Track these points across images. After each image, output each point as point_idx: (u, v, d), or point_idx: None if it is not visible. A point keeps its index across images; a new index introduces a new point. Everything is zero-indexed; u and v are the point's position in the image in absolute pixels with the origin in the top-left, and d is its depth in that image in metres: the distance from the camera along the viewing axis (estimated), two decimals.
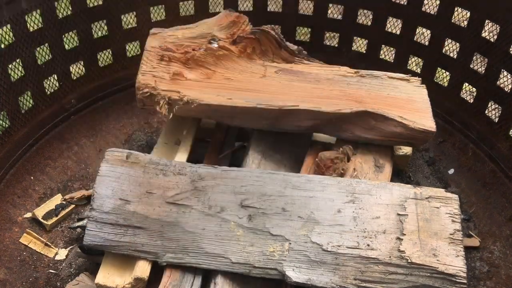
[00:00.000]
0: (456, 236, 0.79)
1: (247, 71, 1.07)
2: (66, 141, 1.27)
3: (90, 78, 1.31)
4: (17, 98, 1.12)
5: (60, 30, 1.18)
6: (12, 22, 1.06)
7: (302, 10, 1.42)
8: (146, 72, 1.03)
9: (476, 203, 1.19)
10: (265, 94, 1.02)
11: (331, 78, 1.06)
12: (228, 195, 0.85)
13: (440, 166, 1.29)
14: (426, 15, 1.27)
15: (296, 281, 0.77)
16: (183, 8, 1.36)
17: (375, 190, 0.85)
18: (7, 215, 1.10)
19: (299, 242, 0.80)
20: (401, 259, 0.77)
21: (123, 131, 1.36)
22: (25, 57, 1.12)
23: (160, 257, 0.82)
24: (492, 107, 1.22)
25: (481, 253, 1.10)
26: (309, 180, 0.87)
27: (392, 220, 0.81)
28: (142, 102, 1.02)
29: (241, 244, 0.81)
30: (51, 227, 1.11)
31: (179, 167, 0.89)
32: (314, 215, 0.82)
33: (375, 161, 1.00)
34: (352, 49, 1.43)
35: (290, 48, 1.11)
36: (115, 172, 0.88)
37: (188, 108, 0.99)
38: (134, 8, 1.28)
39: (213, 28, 1.09)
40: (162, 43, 1.07)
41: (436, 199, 0.83)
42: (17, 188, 1.15)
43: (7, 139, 1.12)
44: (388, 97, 1.02)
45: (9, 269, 1.01)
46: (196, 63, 1.05)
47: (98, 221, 0.84)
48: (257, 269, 0.79)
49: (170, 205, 0.85)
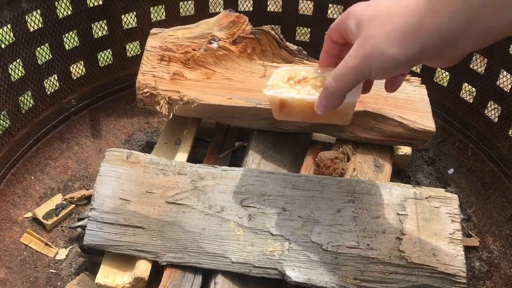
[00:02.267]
0: (455, 236, 0.79)
1: (247, 71, 1.07)
2: (66, 141, 1.27)
3: (90, 78, 1.31)
4: (17, 98, 1.13)
5: (60, 30, 1.18)
6: (12, 22, 1.06)
7: (302, 10, 1.43)
8: (146, 72, 1.03)
9: (475, 203, 1.19)
10: None
11: None
12: (228, 194, 0.85)
13: (440, 166, 1.29)
14: None
15: (296, 281, 0.77)
16: (183, 8, 1.36)
17: (375, 190, 0.85)
18: (8, 214, 1.10)
19: (299, 242, 0.80)
20: (400, 258, 0.77)
21: (123, 131, 1.36)
22: (25, 57, 1.12)
23: (160, 256, 0.82)
24: (492, 107, 1.22)
25: (480, 252, 1.10)
26: (309, 180, 0.87)
27: (391, 220, 0.81)
28: (142, 102, 1.02)
29: (241, 244, 0.81)
30: (51, 226, 1.11)
31: (179, 167, 0.89)
32: (314, 215, 0.82)
33: (375, 161, 1.00)
34: None
35: (290, 48, 1.12)
36: (115, 172, 0.88)
37: (188, 108, 0.99)
38: (134, 8, 1.28)
39: (213, 28, 1.09)
40: (162, 43, 1.07)
41: (436, 199, 0.83)
42: (17, 188, 1.15)
43: (7, 139, 1.12)
44: (388, 97, 1.02)
45: (9, 268, 1.01)
46: (196, 63, 1.05)
47: (98, 221, 0.84)
48: (257, 269, 0.79)
49: (170, 204, 0.85)
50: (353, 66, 0.60)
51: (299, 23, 1.44)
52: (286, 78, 0.73)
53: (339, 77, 0.62)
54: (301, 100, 0.69)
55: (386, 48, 0.57)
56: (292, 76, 0.73)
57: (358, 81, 0.63)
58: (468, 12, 0.52)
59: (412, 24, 0.56)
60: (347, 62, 0.61)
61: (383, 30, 0.57)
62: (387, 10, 0.58)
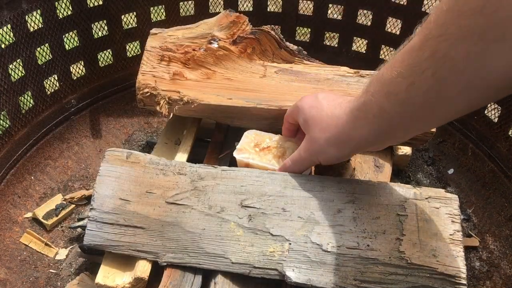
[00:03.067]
0: (456, 237, 0.79)
1: (247, 71, 1.07)
2: (66, 141, 1.27)
3: (90, 78, 1.31)
4: (17, 98, 1.13)
5: (60, 30, 1.18)
6: (12, 22, 1.06)
7: (302, 10, 1.42)
8: (146, 72, 1.03)
9: (475, 203, 1.19)
10: (265, 94, 1.02)
11: (331, 78, 1.07)
12: (228, 195, 0.85)
13: (440, 166, 1.29)
14: (426, 15, 1.27)
15: (296, 282, 0.77)
16: (183, 8, 1.36)
17: (375, 190, 0.85)
18: (8, 215, 1.10)
19: (299, 243, 0.80)
20: (401, 259, 0.77)
21: (123, 131, 1.36)
22: (25, 57, 1.12)
23: (160, 257, 0.82)
24: (492, 107, 1.22)
25: (480, 253, 1.10)
26: (309, 180, 0.87)
27: (391, 220, 0.81)
28: (142, 102, 1.02)
29: (241, 244, 0.81)
30: (51, 227, 1.11)
31: (179, 167, 0.89)
32: (314, 215, 0.82)
33: (375, 161, 1.00)
34: (352, 49, 1.43)
35: (290, 48, 1.12)
36: (115, 172, 0.88)
37: (188, 108, 0.99)
38: (134, 8, 1.28)
39: (213, 28, 1.09)
40: (162, 43, 1.07)
41: (436, 199, 0.83)
42: (17, 188, 1.15)
43: (7, 139, 1.12)
44: None
45: (9, 268, 1.01)
46: (196, 63, 1.05)
47: (98, 221, 0.84)
48: (257, 269, 0.79)
49: (170, 205, 0.85)
50: (305, 157, 0.82)
51: (299, 23, 1.44)
52: (253, 143, 0.94)
53: (295, 162, 0.84)
54: (263, 167, 0.90)
55: (328, 149, 0.76)
56: (258, 143, 0.94)
57: (310, 166, 0.87)
58: (383, 128, 0.66)
59: (343, 135, 0.72)
60: (300, 153, 0.82)
61: (324, 136, 0.75)
62: (326, 117, 0.75)
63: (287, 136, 0.92)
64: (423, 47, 0.56)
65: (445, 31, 0.53)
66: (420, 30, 0.58)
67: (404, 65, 0.59)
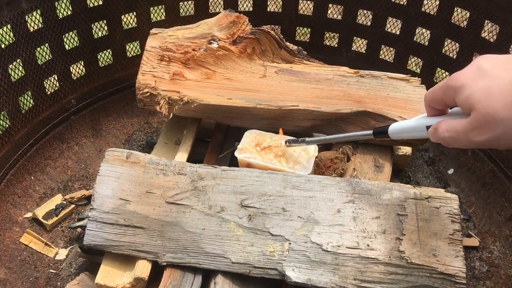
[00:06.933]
0: (455, 236, 0.79)
1: (247, 71, 1.07)
2: (66, 141, 1.27)
3: (90, 78, 1.31)
4: (17, 98, 1.13)
5: (60, 30, 1.18)
6: (12, 22, 1.06)
7: (302, 10, 1.43)
8: (146, 72, 1.03)
9: (475, 203, 1.19)
10: (265, 94, 1.02)
11: (330, 78, 1.07)
12: (228, 195, 0.85)
13: (440, 166, 1.29)
14: (426, 15, 1.27)
15: (296, 281, 0.77)
16: (183, 8, 1.36)
17: (375, 190, 0.85)
18: (8, 215, 1.10)
19: (299, 242, 0.80)
20: (400, 259, 0.77)
21: (123, 131, 1.36)
22: (25, 57, 1.12)
23: (160, 257, 0.82)
24: None
25: (480, 253, 1.10)
26: (309, 180, 0.87)
27: (391, 220, 0.81)
28: (142, 102, 1.02)
29: (241, 244, 0.81)
30: (51, 227, 1.11)
31: (179, 167, 0.89)
32: (314, 215, 0.82)
33: (375, 161, 1.00)
34: (352, 49, 1.43)
35: (290, 48, 1.12)
36: (115, 172, 0.88)
37: (188, 108, 0.99)
38: (134, 8, 1.28)
39: (213, 28, 1.09)
40: (162, 43, 1.07)
41: (435, 199, 0.83)
42: (17, 188, 1.15)
43: (7, 139, 1.12)
44: (387, 97, 1.02)
45: (9, 268, 1.01)
46: (196, 63, 1.05)
47: (98, 221, 0.84)
48: (257, 269, 0.79)
49: (170, 205, 0.85)
50: (478, 142, 0.61)
51: (299, 23, 1.44)
52: (254, 143, 0.95)
53: (457, 141, 0.64)
54: (265, 166, 0.91)
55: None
56: (259, 142, 0.95)
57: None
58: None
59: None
60: (469, 136, 0.62)
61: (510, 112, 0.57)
62: (509, 86, 0.57)
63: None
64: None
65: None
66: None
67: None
